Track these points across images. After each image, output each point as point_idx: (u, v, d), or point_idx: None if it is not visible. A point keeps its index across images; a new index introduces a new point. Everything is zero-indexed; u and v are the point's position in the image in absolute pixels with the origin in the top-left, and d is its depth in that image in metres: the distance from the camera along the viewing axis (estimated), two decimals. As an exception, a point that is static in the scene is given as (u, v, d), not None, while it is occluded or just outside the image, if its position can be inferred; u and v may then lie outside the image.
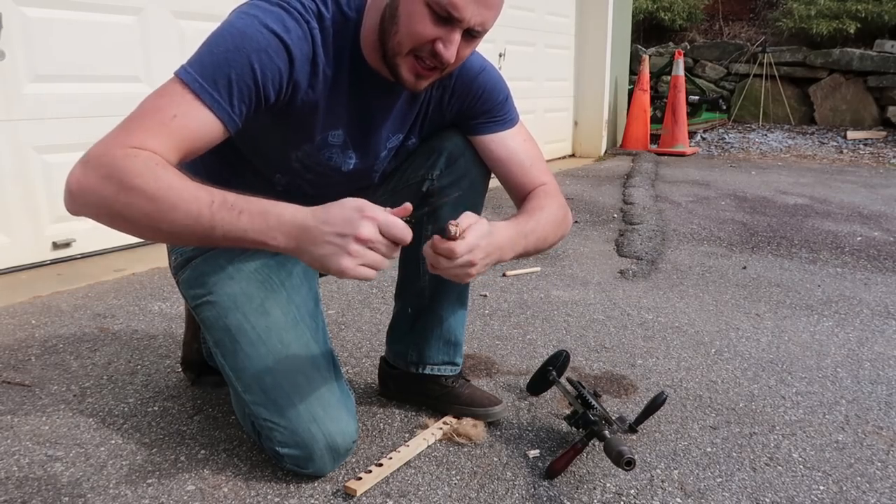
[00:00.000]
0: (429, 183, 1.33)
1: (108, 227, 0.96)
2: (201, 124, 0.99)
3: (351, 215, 0.92)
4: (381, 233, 0.93)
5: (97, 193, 0.91)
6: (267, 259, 1.26)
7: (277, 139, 1.19)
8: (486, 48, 4.40)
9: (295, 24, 1.05)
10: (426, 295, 1.42)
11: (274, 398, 1.18)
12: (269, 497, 1.18)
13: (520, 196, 1.31)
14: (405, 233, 0.94)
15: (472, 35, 1.07)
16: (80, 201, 0.93)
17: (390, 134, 1.28)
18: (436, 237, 1.02)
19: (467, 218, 1.04)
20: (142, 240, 1.00)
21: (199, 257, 1.29)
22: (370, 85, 1.17)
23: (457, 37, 1.04)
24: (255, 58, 1.01)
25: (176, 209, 0.91)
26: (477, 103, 1.28)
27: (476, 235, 1.03)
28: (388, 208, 0.97)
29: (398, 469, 1.27)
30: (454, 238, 1.01)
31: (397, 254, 0.97)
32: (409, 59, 1.07)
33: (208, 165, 1.22)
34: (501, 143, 1.31)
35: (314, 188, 1.27)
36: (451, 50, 1.05)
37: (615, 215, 3.67)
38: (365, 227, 0.91)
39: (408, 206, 0.97)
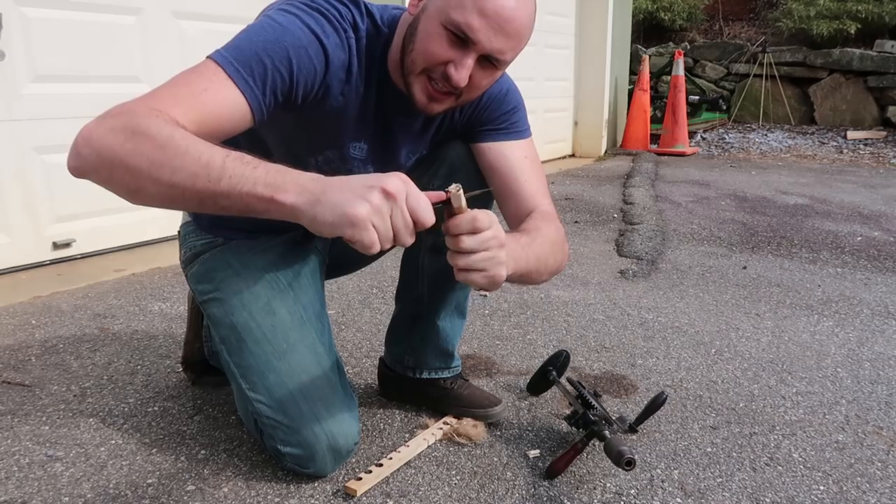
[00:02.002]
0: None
1: (103, 184, 0.88)
2: (230, 104, 0.96)
3: (383, 174, 0.85)
4: (407, 204, 0.84)
5: (104, 141, 0.85)
6: (275, 259, 1.26)
7: (300, 142, 1.19)
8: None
9: (333, 31, 1.05)
10: (424, 302, 1.42)
11: (278, 397, 1.18)
12: (269, 497, 1.18)
13: (514, 217, 1.23)
14: (427, 212, 0.84)
15: (490, 63, 1.05)
16: (84, 150, 0.86)
17: (411, 154, 1.28)
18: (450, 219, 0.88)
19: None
20: (132, 202, 0.89)
21: (208, 252, 1.29)
22: (393, 103, 1.17)
23: (469, 61, 1.02)
24: (294, 53, 1.00)
25: (185, 154, 0.84)
26: (484, 112, 1.25)
27: (488, 213, 0.91)
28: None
29: (398, 469, 1.27)
30: (462, 210, 0.87)
31: (411, 242, 0.85)
32: (422, 80, 1.06)
33: None
34: (499, 152, 1.24)
35: None
36: (461, 73, 1.02)
37: (615, 215, 3.67)
38: (394, 181, 0.83)
39: (450, 189, 0.89)
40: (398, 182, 0.83)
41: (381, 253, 0.88)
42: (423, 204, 0.85)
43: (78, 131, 0.87)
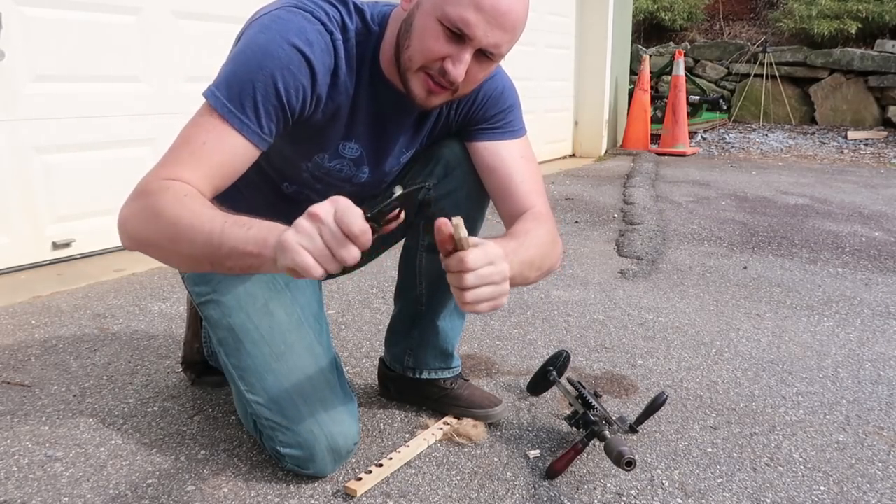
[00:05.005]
0: (425, 192, 1.29)
1: (152, 257, 1.01)
2: (232, 148, 1.00)
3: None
4: (335, 219, 0.82)
5: (131, 225, 0.97)
6: None
7: (291, 150, 1.19)
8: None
9: (318, 35, 1.05)
10: (423, 303, 1.42)
11: (276, 398, 1.18)
12: (269, 497, 1.18)
13: (509, 217, 1.23)
14: (355, 221, 0.81)
15: (486, 56, 1.04)
16: (124, 234, 0.99)
17: (404, 149, 1.27)
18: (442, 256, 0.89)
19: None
20: (173, 267, 1.00)
21: None
22: (386, 100, 1.16)
23: (466, 56, 1.02)
24: (279, 75, 1.01)
25: (192, 228, 0.91)
26: (480, 110, 1.24)
27: (486, 251, 0.91)
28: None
29: (398, 469, 1.27)
30: (460, 245, 0.88)
31: (352, 256, 0.83)
32: (421, 75, 1.06)
33: None
34: (494, 151, 1.24)
35: (322, 197, 1.26)
36: (459, 69, 1.02)
37: (615, 215, 3.67)
38: (321, 204, 0.83)
39: (453, 221, 0.89)
40: (325, 204, 0.84)
41: (368, 260, 0.89)
42: (350, 216, 0.82)
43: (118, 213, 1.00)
